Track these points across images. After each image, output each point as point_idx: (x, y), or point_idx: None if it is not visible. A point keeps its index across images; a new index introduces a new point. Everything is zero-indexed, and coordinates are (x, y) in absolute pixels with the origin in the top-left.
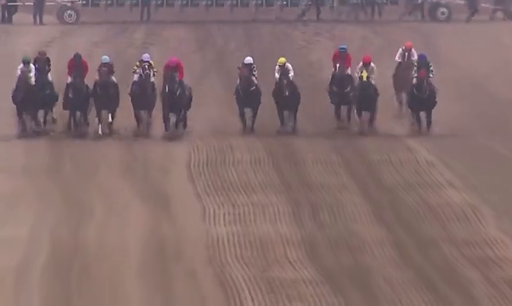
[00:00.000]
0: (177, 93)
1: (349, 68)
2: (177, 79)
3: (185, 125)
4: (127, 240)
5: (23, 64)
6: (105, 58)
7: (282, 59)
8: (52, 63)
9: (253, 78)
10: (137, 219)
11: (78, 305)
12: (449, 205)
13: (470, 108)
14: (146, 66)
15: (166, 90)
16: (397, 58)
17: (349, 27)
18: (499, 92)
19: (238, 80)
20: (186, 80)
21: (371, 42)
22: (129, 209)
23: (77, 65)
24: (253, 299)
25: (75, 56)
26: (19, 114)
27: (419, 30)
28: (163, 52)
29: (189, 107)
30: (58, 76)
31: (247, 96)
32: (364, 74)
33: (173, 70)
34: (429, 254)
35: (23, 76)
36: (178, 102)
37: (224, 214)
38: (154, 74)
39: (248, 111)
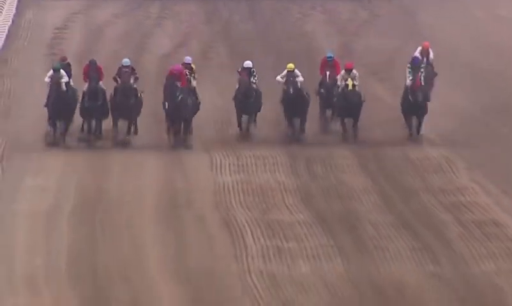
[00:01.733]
0: (178, 100)
1: (338, 75)
2: (179, 86)
3: (191, 132)
4: (144, 190)
5: (53, 71)
6: (126, 61)
7: (291, 65)
8: (77, 33)
9: (253, 85)
10: (152, 171)
11: (101, 245)
12: (428, 159)
13: (444, 74)
14: (187, 72)
15: (168, 99)
16: None
17: (340, 2)
18: (473, 60)
19: (237, 85)
20: (196, 50)
21: (358, 15)
22: (145, 163)
23: (92, 71)
24: (254, 239)
25: (90, 62)
26: (51, 121)
27: (402, 5)
28: (176, 24)
29: (198, 109)
30: (83, 45)
31: (246, 104)
32: (350, 83)
33: (175, 78)
34: (409, 201)
35: (54, 83)
36: (180, 111)
37: (229, 165)
38: (195, 78)
39: (245, 117)
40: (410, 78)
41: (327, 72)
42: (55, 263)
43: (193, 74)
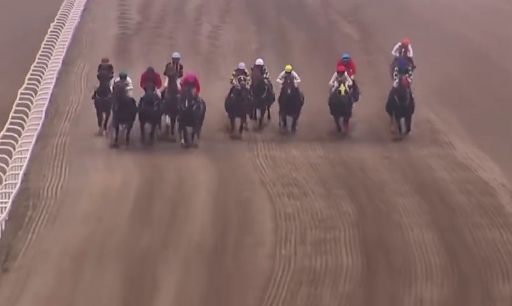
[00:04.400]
0: (193, 108)
1: (353, 75)
2: (193, 94)
3: (198, 136)
4: None
5: (120, 78)
6: (176, 54)
7: (288, 67)
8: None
9: (265, 81)
10: None
11: (157, 146)
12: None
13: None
14: (242, 78)
15: (184, 105)
16: (393, 52)
17: None
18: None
19: (250, 82)
20: (221, 3)
21: None
22: None
23: (150, 79)
24: (261, 135)
25: (148, 70)
26: (114, 124)
27: None
28: None
29: (203, 119)
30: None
31: (258, 100)
32: (343, 89)
33: (190, 85)
34: (370, 107)
35: (117, 90)
36: (194, 116)
37: None
38: (248, 83)
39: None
40: (397, 80)
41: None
42: (123, 156)
43: (248, 78)
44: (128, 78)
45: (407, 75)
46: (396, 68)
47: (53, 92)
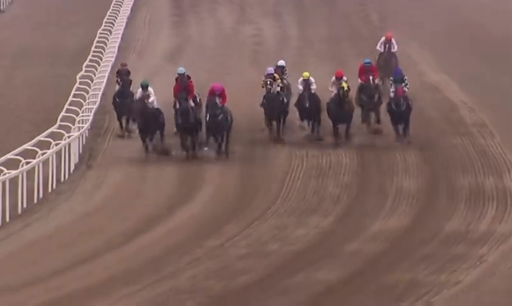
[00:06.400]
0: (219, 117)
1: (377, 78)
2: (220, 104)
3: (227, 149)
4: None
5: (142, 88)
6: (180, 69)
7: (306, 74)
8: None
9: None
10: None
11: None
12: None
13: None
14: (268, 82)
15: (209, 116)
16: (378, 47)
17: None
18: None
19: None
20: None
21: None
22: None
23: (182, 88)
24: None
25: (181, 77)
26: (142, 138)
27: None
28: None
29: (230, 130)
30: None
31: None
32: (345, 85)
33: (216, 96)
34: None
35: (140, 101)
36: (219, 126)
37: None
38: (278, 85)
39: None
40: (393, 90)
41: (370, 77)
42: None
43: (278, 82)
44: (150, 88)
45: (403, 85)
46: (391, 78)
47: (123, 32)
